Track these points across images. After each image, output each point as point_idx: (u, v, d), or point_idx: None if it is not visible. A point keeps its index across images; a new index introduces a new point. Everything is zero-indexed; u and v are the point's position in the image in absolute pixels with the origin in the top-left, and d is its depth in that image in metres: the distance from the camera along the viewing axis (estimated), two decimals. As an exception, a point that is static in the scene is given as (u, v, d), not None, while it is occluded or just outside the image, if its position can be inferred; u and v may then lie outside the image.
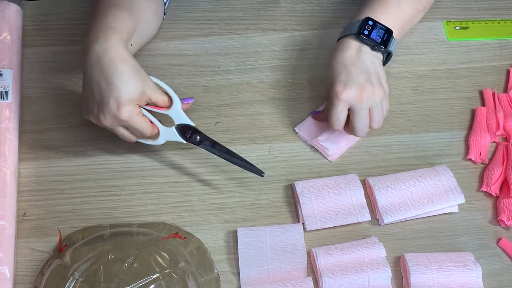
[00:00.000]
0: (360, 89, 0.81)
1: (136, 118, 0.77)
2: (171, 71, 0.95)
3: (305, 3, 1.03)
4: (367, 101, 0.81)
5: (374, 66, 0.83)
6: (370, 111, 0.83)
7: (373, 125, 0.84)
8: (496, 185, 0.86)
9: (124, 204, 0.84)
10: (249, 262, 0.79)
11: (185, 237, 0.81)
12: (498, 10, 1.04)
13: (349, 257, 0.78)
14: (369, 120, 0.83)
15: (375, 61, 0.84)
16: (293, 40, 0.99)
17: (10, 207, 0.80)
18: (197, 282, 0.76)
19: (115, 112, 0.75)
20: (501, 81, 0.97)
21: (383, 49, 0.85)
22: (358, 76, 0.81)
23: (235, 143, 0.89)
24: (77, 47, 0.97)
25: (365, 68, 0.82)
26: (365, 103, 0.81)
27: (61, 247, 0.79)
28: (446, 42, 1.01)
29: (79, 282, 0.73)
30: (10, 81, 0.89)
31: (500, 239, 0.83)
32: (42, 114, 0.91)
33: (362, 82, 0.81)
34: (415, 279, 0.77)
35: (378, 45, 0.84)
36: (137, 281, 0.73)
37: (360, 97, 0.81)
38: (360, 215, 0.83)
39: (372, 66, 0.83)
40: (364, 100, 0.81)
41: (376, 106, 0.82)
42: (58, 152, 0.88)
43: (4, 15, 0.94)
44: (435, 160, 0.89)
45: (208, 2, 1.02)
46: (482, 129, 0.91)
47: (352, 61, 0.83)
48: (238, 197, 0.85)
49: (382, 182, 0.84)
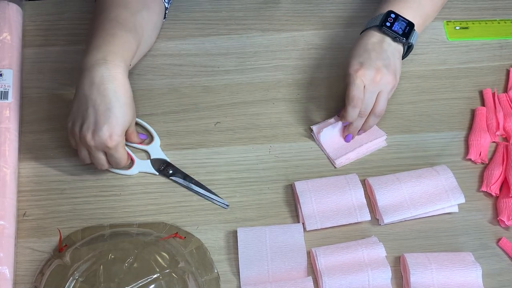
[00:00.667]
0: (376, 72, 0.84)
1: (121, 148, 0.79)
2: (171, 71, 0.95)
3: (305, 3, 1.04)
4: (379, 85, 0.84)
5: (394, 57, 0.86)
6: (378, 95, 0.85)
7: (376, 108, 0.85)
8: (496, 185, 0.86)
9: (124, 204, 0.84)
10: (249, 262, 0.79)
11: (185, 237, 0.81)
12: (498, 10, 1.04)
13: (349, 257, 0.78)
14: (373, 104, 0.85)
15: (395, 53, 0.86)
16: (293, 40, 0.99)
17: (10, 207, 0.80)
18: (197, 282, 0.76)
19: (106, 139, 0.77)
20: (501, 81, 0.97)
21: (405, 41, 0.87)
22: (377, 61, 0.84)
23: (235, 143, 0.89)
24: (77, 47, 0.97)
25: (385, 55, 0.85)
26: (377, 86, 0.84)
27: (61, 247, 0.79)
28: (446, 42, 1.01)
29: (79, 282, 0.73)
30: (10, 81, 0.89)
31: (500, 239, 0.83)
32: (42, 114, 0.91)
33: (379, 66, 0.84)
34: (415, 279, 0.77)
35: (400, 36, 0.86)
36: (137, 281, 0.73)
37: (375, 79, 0.84)
38: (360, 215, 0.83)
39: (392, 57, 0.86)
40: (377, 83, 0.84)
41: (385, 93, 0.85)
42: (58, 152, 0.88)
43: (4, 15, 0.94)
44: (435, 160, 0.89)
45: (208, 2, 1.02)
46: (482, 129, 0.91)
47: (374, 47, 0.85)
48: (238, 197, 0.85)
49: (382, 182, 0.84)
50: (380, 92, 0.85)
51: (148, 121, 0.91)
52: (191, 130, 0.90)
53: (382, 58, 0.84)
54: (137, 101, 0.92)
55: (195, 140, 0.89)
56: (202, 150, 0.89)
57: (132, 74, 0.95)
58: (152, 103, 0.92)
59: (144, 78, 0.95)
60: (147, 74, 0.95)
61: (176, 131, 0.90)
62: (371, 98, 0.85)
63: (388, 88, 0.85)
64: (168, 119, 0.91)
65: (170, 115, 0.91)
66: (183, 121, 0.91)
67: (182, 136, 0.90)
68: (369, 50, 0.85)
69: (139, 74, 0.95)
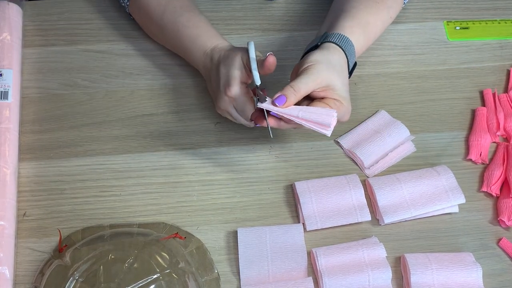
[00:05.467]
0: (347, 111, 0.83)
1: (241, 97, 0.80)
2: (171, 71, 0.95)
3: (305, 3, 1.04)
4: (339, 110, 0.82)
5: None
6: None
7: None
8: (496, 185, 0.86)
9: (124, 204, 0.84)
10: (249, 262, 0.79)
11: (185, 237, 0.81)
12: (498, 10, 1.04)
13: (350, 257, 0.78)
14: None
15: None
16: (293, 40, 0.99)
17: (10, 207, 0.80)
18: (197, 282, 0.76)
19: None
20: (501, 81, 0.97)
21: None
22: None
23: (235, 143, 0.89)
24: (77, 47, 0.97)
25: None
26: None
27: (61, 247, 0.79)
28: (446, 42, 1.01)
29: (79, 282, 0.73)
30: (10, 81, 0.89)
31: (500, 239, 0.83)
32: (42, 114, 0.91)
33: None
34: (416, 279, 0.77)
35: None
36: (137, 281, 0.73)
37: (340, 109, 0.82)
38: (360, 215, 0.83)
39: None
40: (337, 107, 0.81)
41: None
42: (58, 152, 0.88)
43: (4, 15, 0.94)
44: (435, 160, 0.89)
45: (208, 2, 1.02)
46: (483, 130, 0.91)
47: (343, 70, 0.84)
48: (238, 197, 0.85)
49: (382, 182, 0.84)
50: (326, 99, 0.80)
51: (148, 121, 0.90)
52: (191, 130, 0.90)
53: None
54: (137, 101, 0.93)
55: (195, 140, 0.89)
56: (202, 150, 0.88)
57: (132, 74, 0.95)
58: (152, 103, 0.92)
59: (144, 78, 0.95)
60: (147, 74, 0.95)
61: (176, 131, 0.90)
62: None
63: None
64: (168, 119, 0.91)
65: (170, 115, 0.91)
66: (183, 121, 0.91)
67: (182, 136, 0.90)
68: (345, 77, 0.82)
69: (139, 74, 0.95)
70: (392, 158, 0.88)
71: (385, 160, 0.88)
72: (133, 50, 0.97)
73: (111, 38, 0.98)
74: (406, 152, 0.89)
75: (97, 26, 0.99)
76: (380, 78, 0.96)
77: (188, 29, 0.89)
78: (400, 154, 0.88)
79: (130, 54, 0.97)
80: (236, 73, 0.81)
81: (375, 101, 0.94)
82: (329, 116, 0.76)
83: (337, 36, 0.84)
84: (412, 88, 0.96)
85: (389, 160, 0.88)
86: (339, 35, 0.84)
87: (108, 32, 0.99)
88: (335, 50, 0.82)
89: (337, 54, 0.82)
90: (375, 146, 0.88)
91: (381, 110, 0.92)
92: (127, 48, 0.97)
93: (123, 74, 0.95)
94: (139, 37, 0.98)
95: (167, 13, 0.90)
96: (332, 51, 0.82)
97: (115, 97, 0.93)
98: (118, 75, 0.95)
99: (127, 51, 0.97)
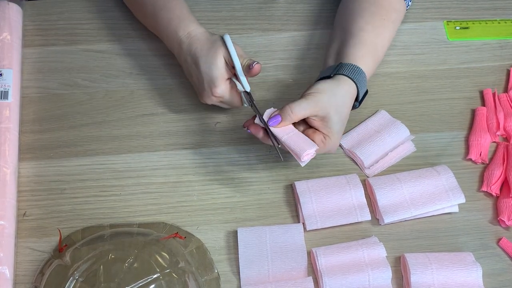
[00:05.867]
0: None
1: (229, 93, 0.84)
2: (171, 71, 0.95)
3: (305, 3, 1.04)
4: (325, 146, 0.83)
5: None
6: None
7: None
8: (496, 185, 0.86)
9: (124, 204, 0.84)
10: (249, 262, 0.79)
11: (185, 237, 0.81)
12: (498, 10, 1.04)
13: (350, 257, 0.78)
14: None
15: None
16: (293, 40, 0.99)
17: (10, 207, 0.80)
18: (197, 282, 0.76)
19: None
20: (501, 81, 0.97)
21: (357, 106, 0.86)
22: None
23: (235, 143, 0.89)
24: (77, 47, 0.97)
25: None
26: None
27: (61, 247, 0.79)
28: (446, 42, 1.01)
29: (79, 282, 0.73)
30: (10, 81, 0.89)
31: (500, 239, 0.83)
32: (42, 114, 0.91)
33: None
34: (416, 279, 0.77)
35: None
36: (137, 281, 0.73)
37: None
38: (360, 215, 0.83)
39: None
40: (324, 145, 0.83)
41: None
42: (58, 152, 0.88)
43: (4, 15, 0.94)
44: (435, 160, 0.89)
45: (208, 2, 1.02)
46: (483, 129, 0.91)
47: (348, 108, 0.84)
48: (238, 197, 0.85)
49: (382, 182, 0.84)
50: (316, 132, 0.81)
51: (148, 121, 0.91)
52: (191, 130, 0.90)
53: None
54: (137, 101, 0.93)
55: (195, 140, 0.89)
56: (202, 150, 0.88)
57: (132, 74, 0.95)
58: (152, 103, 0.92)
59: (144, 78, 0.95)
60: (147, 74, 0.95)
61: (176, 131, 0.90)
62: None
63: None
64: (168, 119, 0.91)
65: (170, 115, 0.91)
66: (183, 121, 0.91)
67: (182, 136, 0.90)
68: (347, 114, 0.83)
69: (139, 74, 0.95)
70: (392, 158, 0.88)
71: (385, 160, 0.88)
72: (133, 50, 0.97)
73: (111, 38, 0.98)
74: (406, 152, 0.89)
75: (97, 26, 1.00)
76: (380, 78, 0.96)
77: (162, 11, 0.89)
78: (400, 154, 0.89)
79: (130, 54, 0.97)
80: (220, 73, 0.82)
81: (375, 101, 0.94)
82: (307, 152, 0.78)
83: (350, 68, 0.84)
84: (412, 88, 0.96)
85: (389, 160, 0.88)
86: (351, 66, 0.84)
87: (108, 32, 0.99)
88: (345, 82, 0.82)
89: (346, 86, 0.82)
90: (375, 146, 0.88)
91: (381, 110, 0.92)
92: (127, 48, 0.97)
93: (123, 74, 0.95)
94: (139, 37, 0.98)
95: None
96: (342, 84, 0.82)
97: (115, 97, 0.93)
98: (118, 75, 0.95)
99: (127, 51, 0.97)
